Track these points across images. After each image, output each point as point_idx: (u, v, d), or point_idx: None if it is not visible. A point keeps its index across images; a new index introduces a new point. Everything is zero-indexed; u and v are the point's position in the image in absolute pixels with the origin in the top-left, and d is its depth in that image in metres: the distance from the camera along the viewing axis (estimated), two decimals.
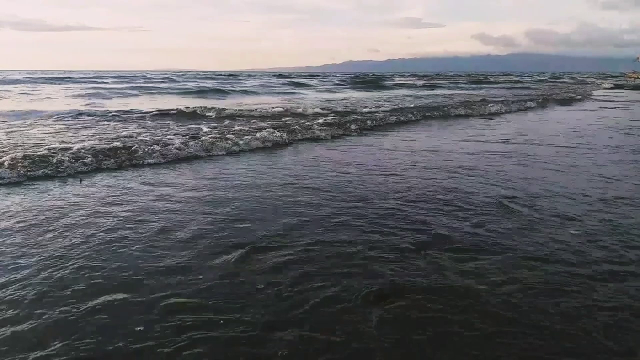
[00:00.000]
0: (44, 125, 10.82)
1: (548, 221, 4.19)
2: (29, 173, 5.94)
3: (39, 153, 6.77)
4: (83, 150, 7.03)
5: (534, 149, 8.17)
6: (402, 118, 13.00)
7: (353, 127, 10.85)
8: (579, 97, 23.37)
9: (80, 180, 5.77)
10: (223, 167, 6.76)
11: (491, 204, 4.72)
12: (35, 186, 5.51)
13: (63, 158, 6.52)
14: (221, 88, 29.22)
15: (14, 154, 6.55)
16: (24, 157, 6.39)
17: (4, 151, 7.09)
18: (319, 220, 4.19)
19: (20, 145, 7.69)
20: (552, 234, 3.87)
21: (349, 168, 6.53)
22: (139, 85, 31.42)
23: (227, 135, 8.86)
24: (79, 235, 3.79)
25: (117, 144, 7.64)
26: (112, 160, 6.80)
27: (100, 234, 3.83)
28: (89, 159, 6.65)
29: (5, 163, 6.10)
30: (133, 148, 7.35)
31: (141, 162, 6.88)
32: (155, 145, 7.60)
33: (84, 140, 8.20)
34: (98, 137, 8.77)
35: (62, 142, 8.05)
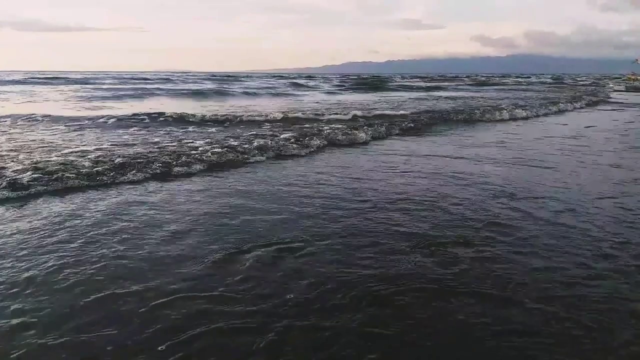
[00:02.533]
0: (46, 129, 10.23)
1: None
2: (69, 182, 5.61)
3: (55, 160, 6.52)
4: (120, 158, 6.70)
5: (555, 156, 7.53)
6: (424, 121, 12.26)
7: (373, 132, 10.13)
8: (596, 99, 22.59)
9: None
10: (255, 173, 6.49)
11: (492, 209, 4.67)
12: (71, 195, 5.21)
13: (96, 168, 6.16)
14: (223, 90, 28.55)
15: (31, 162, 6.27)
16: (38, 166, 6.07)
17: (29, 156, 6.78)
18: (331, 222, 4.26)
19: (34, 151, 7.36)
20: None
21: (366, 173, 6.47)
22: (139, 86, 30.60)
23: (252, 141, 8.39)
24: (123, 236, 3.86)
25: (140, 150, 7.34)
26: (156, 166, 6.46)
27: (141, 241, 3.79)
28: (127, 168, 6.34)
29: (30, 172, 5.76)
30: (164, 156, 7.01)
31: (184, 171, 6.44)
32: (188, 154, 7.18)
33: (101, 146, 7.66)
34: (115, 143, 8.30)
35: (75, 147, 7.39)
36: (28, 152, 7.30)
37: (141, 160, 6.69)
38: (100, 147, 7.98)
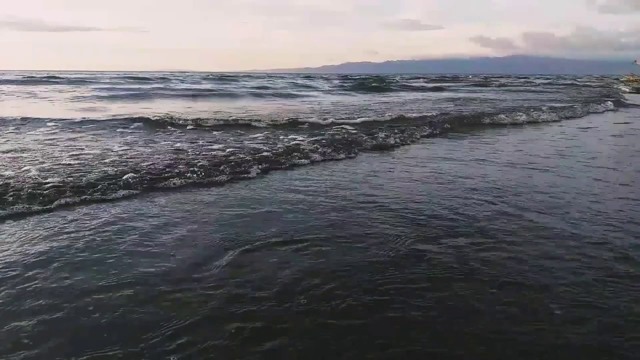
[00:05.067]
0: (48, 131, 9.48)
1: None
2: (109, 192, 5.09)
3: (70, 163, 5.76)
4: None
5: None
6: (446, 124, 11.54)
7: (398, 136, 9.45)
8: (613, 100, 21.89)
9: None
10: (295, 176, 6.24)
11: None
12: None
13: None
14: (224, 90, 27.87)
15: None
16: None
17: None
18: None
19: (46, 156, 6.65)
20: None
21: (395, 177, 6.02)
22: (139, 87, 29.80)
23: (277, 145, 7.63)
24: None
25: (159, 154, 6.83)
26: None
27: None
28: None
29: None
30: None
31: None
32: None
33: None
34: (126, 146, 7.47)
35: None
36: (39, 158, 6.70)
37: (167, 165, 6.20)
38: (112, 149, 7.44)
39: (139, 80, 41.63)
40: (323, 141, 8.43)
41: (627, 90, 37.07)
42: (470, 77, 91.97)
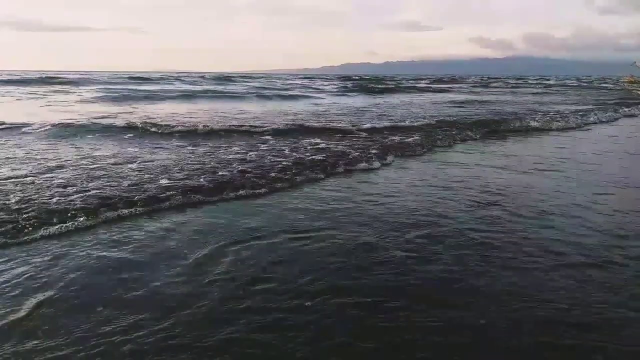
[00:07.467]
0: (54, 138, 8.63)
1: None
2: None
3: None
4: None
5: None
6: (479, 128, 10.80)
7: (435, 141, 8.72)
8: (636, 102, 21.19)
9: None
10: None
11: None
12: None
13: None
14: (231, 91, 27.06)
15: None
16: None
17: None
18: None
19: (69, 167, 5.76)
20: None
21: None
22: (140, 87, 29.06)
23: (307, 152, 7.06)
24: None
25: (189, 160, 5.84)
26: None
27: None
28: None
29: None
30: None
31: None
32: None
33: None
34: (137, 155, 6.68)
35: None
36: (56, 164, 6.20)
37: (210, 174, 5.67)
38: (126, 154, 6.85)
39: (140, 80, 40.99)
40: (356, 146, 7.88)
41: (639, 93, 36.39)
42: (471, 78, 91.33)
